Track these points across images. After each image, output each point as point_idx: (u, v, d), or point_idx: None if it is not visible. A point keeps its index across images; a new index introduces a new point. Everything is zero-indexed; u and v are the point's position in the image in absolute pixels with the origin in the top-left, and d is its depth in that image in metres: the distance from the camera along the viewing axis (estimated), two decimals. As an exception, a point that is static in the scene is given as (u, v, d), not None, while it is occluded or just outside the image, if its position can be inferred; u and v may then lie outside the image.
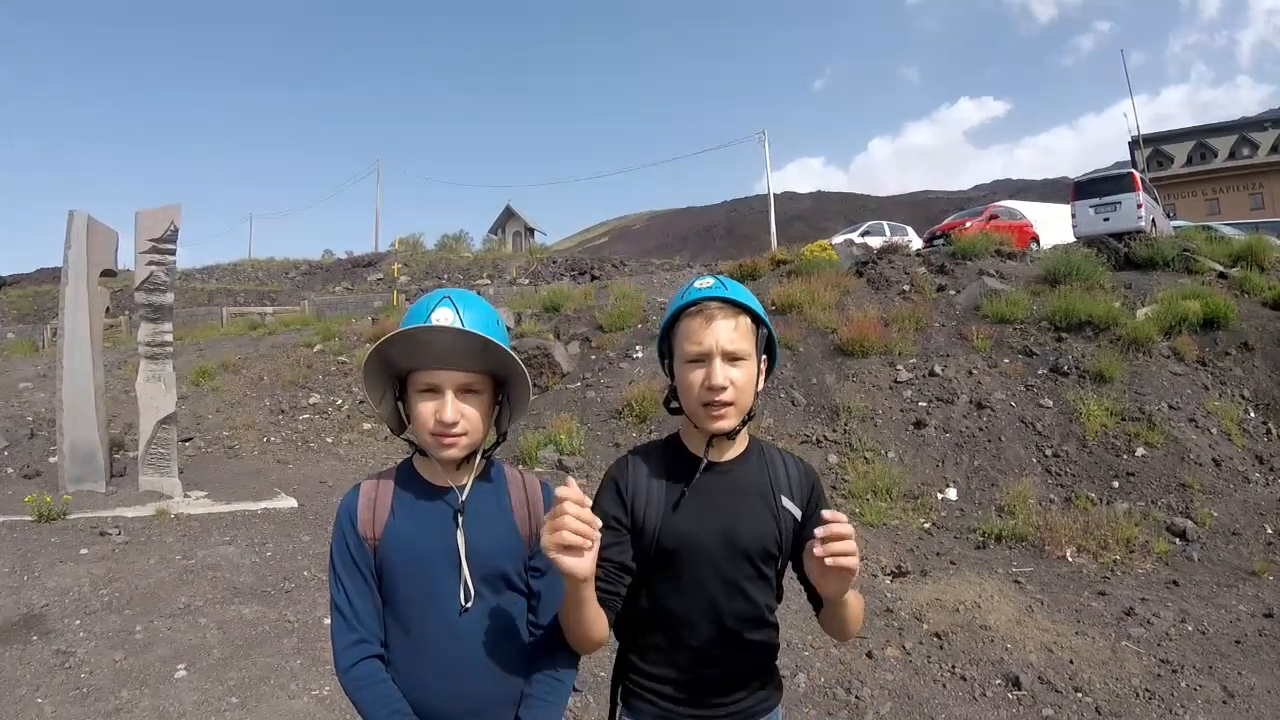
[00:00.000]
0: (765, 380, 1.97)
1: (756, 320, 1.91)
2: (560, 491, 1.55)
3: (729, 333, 1.83)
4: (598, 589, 1.74)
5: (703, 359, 1.83)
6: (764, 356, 1.95)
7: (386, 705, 1.75)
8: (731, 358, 1.83)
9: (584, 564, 1.55)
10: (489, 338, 1.75)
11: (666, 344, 1.98)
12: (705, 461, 1.91)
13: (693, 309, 1.87)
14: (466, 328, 1.74)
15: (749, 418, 1.92)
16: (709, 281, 1.92)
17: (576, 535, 1.52)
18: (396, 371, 1.88)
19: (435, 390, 1.79)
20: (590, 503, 1.58)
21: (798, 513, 1.96)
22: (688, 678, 1.88)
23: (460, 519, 1.84)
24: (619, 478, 1.95)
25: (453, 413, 1.77)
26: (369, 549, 1.84)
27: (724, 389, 1.80)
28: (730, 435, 1.91)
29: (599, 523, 1.56)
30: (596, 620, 1.75)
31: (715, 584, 1.86)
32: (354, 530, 1.84)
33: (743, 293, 1.91)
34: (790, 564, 1.98)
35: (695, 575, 1.84)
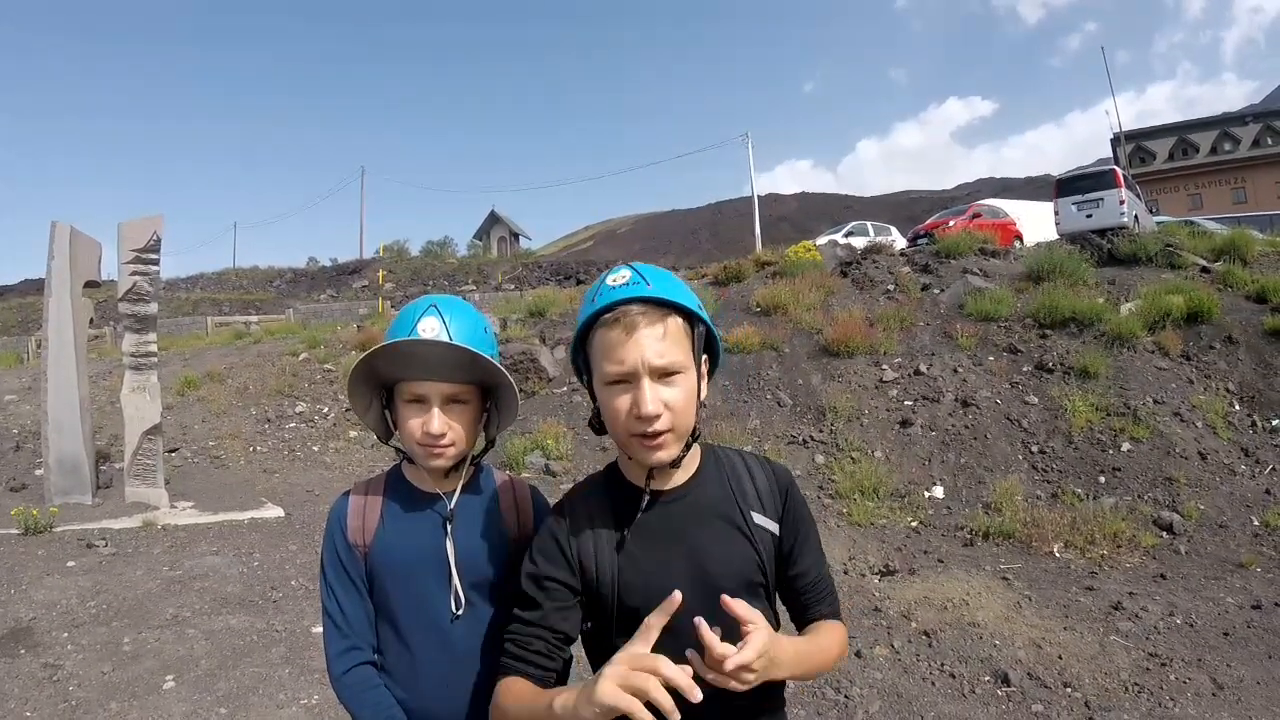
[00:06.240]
0: (709, 384, 1.62)
1: (690, 317, 1.54)
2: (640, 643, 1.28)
3: (656, 344, 1.46)
4: (535, 665, 1.55)
5: (626, 379, 1.47)
6: (705, 356, 1.60)
7: (379, 711, 1.76)
8: (663, 374, 1.47)
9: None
10: (476, 351, 1.74)
11: (582, 357, 1.60)
12: (646, 497, 1.58)
13: (608, 316, 1.48)
14: (453, 339, 1.73)
15: (694, 438, 1.60)
16: (624, 276, 1.53)
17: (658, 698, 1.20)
18: (383, 380, 1.87)
19: (422, 401, 1.78)
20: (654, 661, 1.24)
21: (774, 527, 1.65)
22: None
23: (449, 526, 1.84)
24: (557, 532, 1.62)
25: (440, 425, 1.76)
26: (359, 556, 1.84)
27: (657, 416, 1.45)
28: (674, 464, 1.56)
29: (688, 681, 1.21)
30: None
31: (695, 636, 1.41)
32: (344, 538, 1.84)
33: (668, 285, 1.52)
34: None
35: (673, 631, 1.36)
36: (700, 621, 1.31)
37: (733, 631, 1.36)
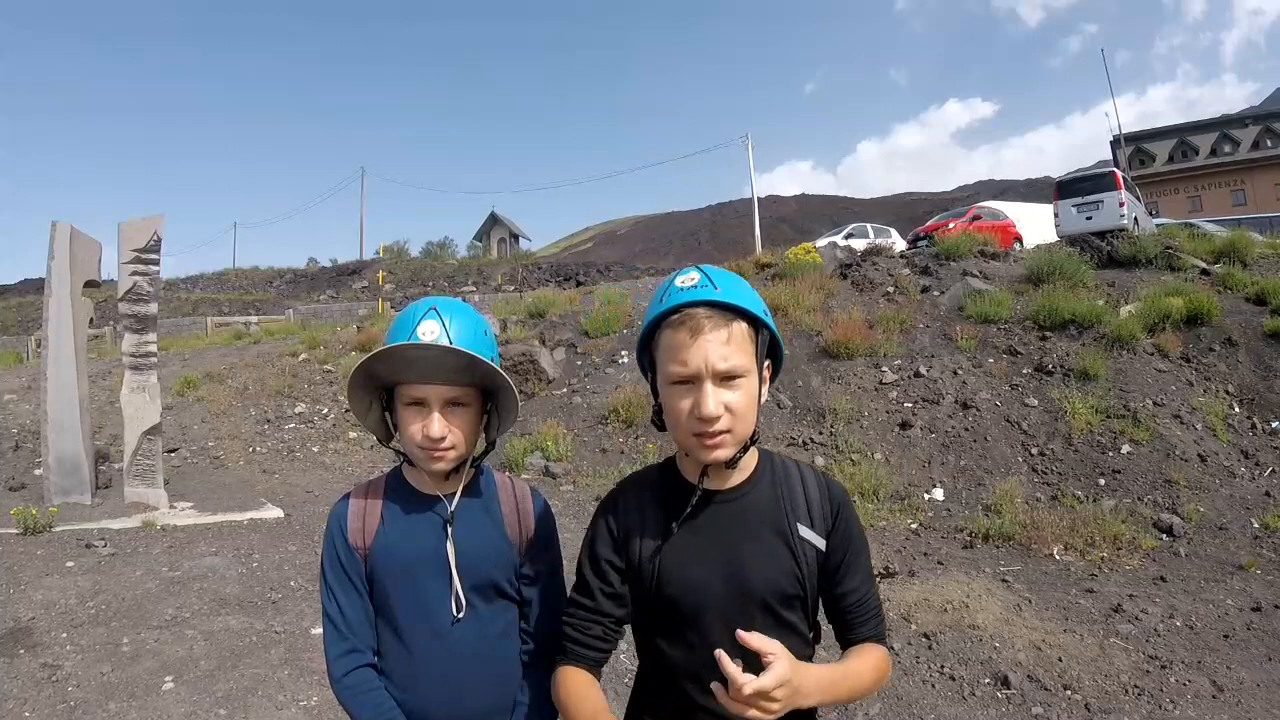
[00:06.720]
0: (769, 388, 1.65)
1: (755, 322, 1.57)
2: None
3: (721, 348, 1.49)
4: (594, 649, 1.66)
5: (690, 381, 1.50)
6: (768, 360, 1.64)
7: (380, 713, 1.75)
8: (726, 378, 1.50)
9: None
10: (476, 355, 1.73)
11: (647, 355, 1.65)
12: (698, 494, 1.62)
13: (675, 317, 1.52)
14: (453, 342, 1.71)
15: (752, 441, 1.62)
16: (693, 278, 1.55)
17: None
18: (383, 383, 1.86)
19: (422, 404, 1.77)
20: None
21: (820, 542, 1.65)
22: None
23: (450, 528, 1.83)
24: (607, 517, 1.71)
25: (440, 428, 1.75)
26: (359, 558, 1.83)
27: (717, 418, 1.48)
28: (729, 464, 1.60)
29: None
30: None
31: (726, 639, 1.46)
32: (344, 540, 1.84)
33: (736, 290, 1.55)
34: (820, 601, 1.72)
35: (702, 628, 1.54)
36: (721, 654, 1.36)
37: (755, 660, 1.39)
